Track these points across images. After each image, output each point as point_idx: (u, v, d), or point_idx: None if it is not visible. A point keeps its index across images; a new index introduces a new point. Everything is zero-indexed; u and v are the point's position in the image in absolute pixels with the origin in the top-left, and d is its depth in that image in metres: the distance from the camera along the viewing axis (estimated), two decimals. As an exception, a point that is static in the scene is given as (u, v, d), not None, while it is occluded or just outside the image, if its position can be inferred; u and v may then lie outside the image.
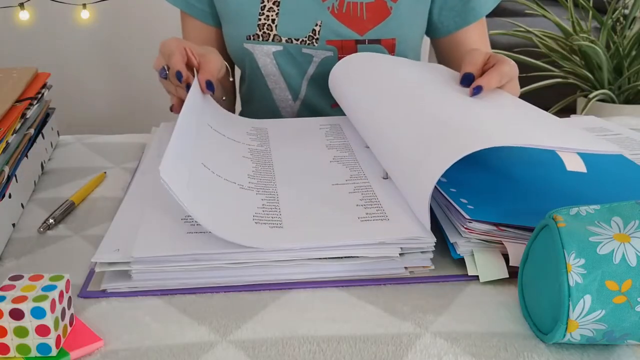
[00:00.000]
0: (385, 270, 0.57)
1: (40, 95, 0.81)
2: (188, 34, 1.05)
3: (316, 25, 0.96)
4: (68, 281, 0.48)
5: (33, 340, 0.45)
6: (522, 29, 2.31)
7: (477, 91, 0.73)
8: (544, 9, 2.29)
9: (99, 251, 0.55)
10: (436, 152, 0.57)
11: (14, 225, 0.67)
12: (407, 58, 0.96)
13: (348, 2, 0.95)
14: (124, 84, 2.26)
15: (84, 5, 1.88)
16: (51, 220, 0.67)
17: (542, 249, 0.49)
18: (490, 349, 0.48)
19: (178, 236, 0.56)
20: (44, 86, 0.84)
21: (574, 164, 0.55)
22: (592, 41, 2.13)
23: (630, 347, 0.49)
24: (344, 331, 0.50)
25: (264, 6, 0.96)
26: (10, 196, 0.66)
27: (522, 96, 0.84)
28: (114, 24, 2.16)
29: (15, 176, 0.69)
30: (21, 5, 1.80)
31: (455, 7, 0.99)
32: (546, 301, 0.48)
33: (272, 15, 0.96)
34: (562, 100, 2.25)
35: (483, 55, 0.79)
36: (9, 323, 0.44)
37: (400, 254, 0.56)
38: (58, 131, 0.92)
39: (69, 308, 0.48)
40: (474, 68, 0.77)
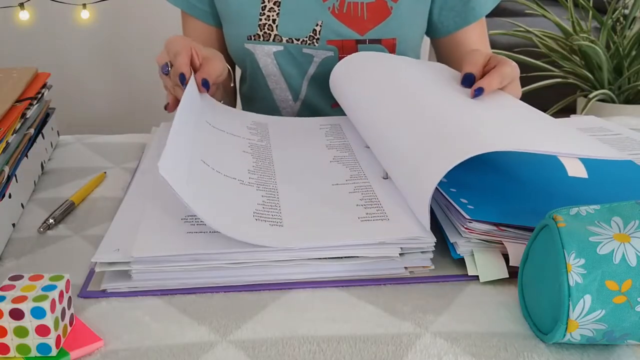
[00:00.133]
0: (385, 270, 0.57)
1: (40, 95, 0.81)
2: (189, 34, 1.04)
3: (317, 25, 0.96)
4: (68, 281, 0.48)
5: (33, 340, 0.45)
6: (522, 29, 2.31)
7: (479, 93, 0.73)
8: (544, 9, 2.29)
9: (99, 251, 0.55)
10: (438, 155, 0.57)
11: (14, 225, 0.67)
12: (407, 58, 0.96)
13: (348, 2, 0.95)
14: (124, 84, 2.27)
15: (84, 5, 1.88)
16: (51, 220, 0.67)
17: (542, 249, 0.49)
18: (490, 349, 0.48)
19: (178, 236, 0.56)
20: (44, 86, 0.84)
21: (576, 170, 0.54)
22: (592, 41, 2.13)
23: (630, 347, 0.49)
24: (344, 331, 0.50)
25: (265, 6, 0.96)
26: (10, 196, 0.66)
27: (522, 96, 0.84)
28: (114, 24, 2.16)
29: (15, 176, 0.69)
30: (21, 5, 1.80)
31: (455, 7, 0.99)
32: (546, 301, 0.48)
33: (273, 15, 0.96)
34: (562, 100, 2.25)
35: (483, 56, 0.79)
36: (9, 323, 0.44)
37: (400, 254, 0.56)
38: (58, 131, 0.92)
39: (69, 308, 0.48)
40: (475, 69, 0.77)
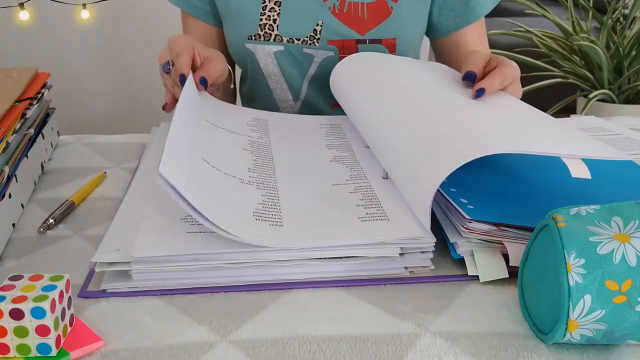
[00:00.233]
0: (385, 270, 0.57)
1: (40, 95, 0.81)
2: (189, 34, 1.04)
3: (317, 25, 0.96)
4: (68, 281, 0.48)
5: (33, 340, 0.45)
6: (522, 29, 2.31)
7: (480, 93, 0.73)
8: (544, 9, 2.29)
9: (99, 251, 0.55)
10: (440, 156, 0.57)
11: (14, 225, 0.67)
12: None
13: (349, 2, 0.95)
14: (124, 84, 2.27)
15: (84, 5, 1.88)
16: (51, 220, 0.67)
17: (542, 249, 0.49)
18: (490, 349, 0.48)
19: (178, 236, 0.56)
20: (44, 86, 0.84)
21: (579, 171, 0.54)
22: (592, 41, 2.13)
23: (630, 347, 0.49)
24: (344, 331, 0.50)
25: (265, 6, 0.96)
26: (10, 196, 0.66)
27: (523, 96, 0.84)
28: (114, 24, 2.16)
29: (15, 176, 0.69)
30: (21, 5, 1.80)
31: (455, 8, 0.99)
32: (546, 301, 0.48)
33: (274, 15, 0.96)
34: (562, 100, 2.25)
35: (484, 56, 0.79)
36: (9, 323, 0.44)
37: (400, 254, 0.56)
38: (58, 131, 0.92)
39: (69, 308, 0.48)
40: (476, 69, 0.77)
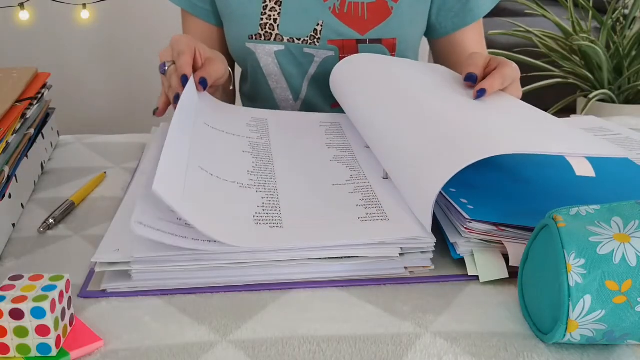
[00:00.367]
0: (385, 270, 0.57)
1: (40, 95, 0.81)
2: (189, 33, 1.04)
3: (317, 25, 0.96)
4: (68, 281, 0.48)
5: (33, 340, 0.45)
6: (522, 29, 2.31)
7: (481, 94, 0.73)
8: (544, 9, 2.29)
9: (99, 251, 0.55)
10: (442, 158, 0.57)
11: (14, 225, 0.67)
12: (407, 58, 0.96)
13: (349, 2, 0.95)
14: (124, 84, 2.27)
15: (84, 5, 1.88)
16: (51, 220, 0.67)
17: (542, 249, 0.49)
18: (490, 349, 0.48)
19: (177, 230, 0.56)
20: (44, 86, 0.84)
21: (583, 169, 0.54)
22: (592, 41, 2.13)
23: (630, 347, 0.49)
24: (344, 331, 0.50)
25: (266, 6, 0.96)
26: (10, 196, 0.66)
27: (523, 96, 0.84)
28: (114, 24, 2.16)
29: (15, 176, 0.69)
30: (21, 5, 1.80)
31: (453, 8, 0.99)
32: (546, 301, 0.48)
33: (274, 14, 0.96)
34: (562, 100, 2.25)
35: (484, 58, 0.79)
36: (9, 323, 0.44)
37: (400, 254, 0.56)
38: (58, 131, 0.92)
39: (69, 308, 0.48)
40: (477, 70, 0.77)
